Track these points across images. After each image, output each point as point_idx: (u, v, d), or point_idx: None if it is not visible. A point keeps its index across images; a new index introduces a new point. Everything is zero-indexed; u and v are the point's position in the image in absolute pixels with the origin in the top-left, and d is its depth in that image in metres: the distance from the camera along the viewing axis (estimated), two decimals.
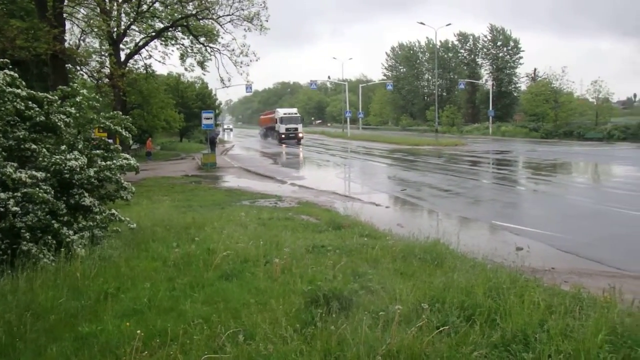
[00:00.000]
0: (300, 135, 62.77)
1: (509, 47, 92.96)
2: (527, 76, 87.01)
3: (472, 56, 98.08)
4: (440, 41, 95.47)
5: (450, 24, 69.87)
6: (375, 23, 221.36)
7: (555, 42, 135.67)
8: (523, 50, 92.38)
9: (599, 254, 10.60)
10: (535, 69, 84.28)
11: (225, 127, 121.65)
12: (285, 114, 65.80)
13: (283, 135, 62.30)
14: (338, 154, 44.95)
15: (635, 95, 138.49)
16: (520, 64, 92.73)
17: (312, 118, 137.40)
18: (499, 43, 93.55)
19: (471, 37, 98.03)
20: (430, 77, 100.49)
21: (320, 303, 5.83)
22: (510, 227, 13.39)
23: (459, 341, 4.95)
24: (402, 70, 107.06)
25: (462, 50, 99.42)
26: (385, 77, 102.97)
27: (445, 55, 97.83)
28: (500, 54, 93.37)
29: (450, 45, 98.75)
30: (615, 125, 55.88)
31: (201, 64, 36.18)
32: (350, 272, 7.08)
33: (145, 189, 20.44)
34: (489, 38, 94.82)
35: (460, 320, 5.40)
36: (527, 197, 19.46)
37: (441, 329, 5.08)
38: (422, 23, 69.27)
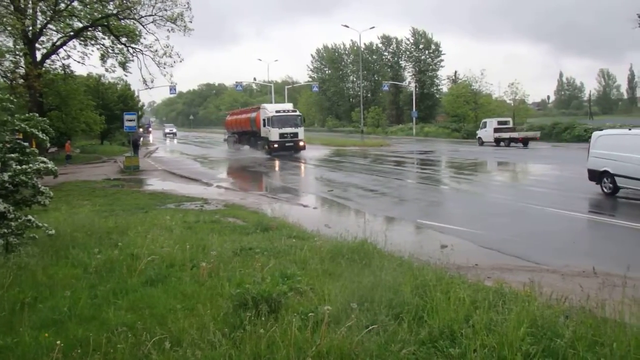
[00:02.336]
0: (302, 143, 41.83)
1: (431, 50, 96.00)
2: (448, 78, 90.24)
3: (396, 59, 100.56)
4: (365, 44, 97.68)
5: (374, 27, 71.68)
6: (300, 25, 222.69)
7: (475, 46, 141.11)
8: (444, 53, 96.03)
9: (519, 250, 10.99)
10: (455, 72, 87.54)
11: (167, 131, 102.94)
12: (278, 111, 42.42)
13: (276, 145, 40.82)
14: (264, 155, 44.69)
15: (549, 97, 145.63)
16: (442, 66, 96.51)
17: None
18: (421, 46, 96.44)
19: (394, 40, 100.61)
20: (355, 79, 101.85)
21: (249, 306, 5.75)
22: (434, 226, 13.69)
23: (388, 339, 4.99)
24: (327, 72, 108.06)
25: (386, 53, 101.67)
26: (310, 79, 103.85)
27: (370, 58, 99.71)
28: (423, 57, 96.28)
29: (374, 48, 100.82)
30: (531, 126, 58.50)
31: (123, 65, 35.12)
32: (279, 274, 7.02)
33: (65, 194, 19.62)
34: (412, 41, 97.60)
35: (388, 318, 5.46)
36: (451, 196, 19.99)
37: (370, 328, 5.11)
38: (346, 26, 70.25)
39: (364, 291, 6.26)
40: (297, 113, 44.11)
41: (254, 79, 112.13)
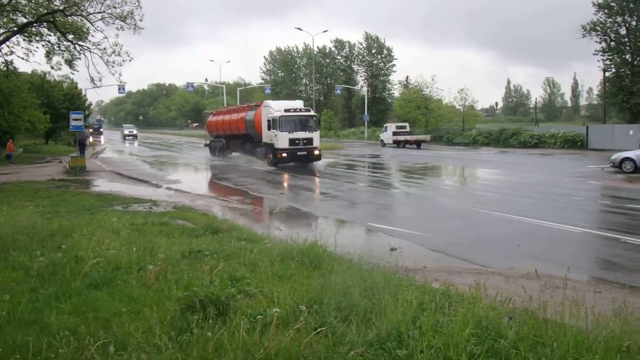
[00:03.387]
0: (317, 152, 32.54)
1: (383, 55, 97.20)
2: (399, 83, 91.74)
3: (349, 63, 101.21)
4: (318, 47, 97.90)
5: (327, 31, 71.38)
6: (252, 27, 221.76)
7: (426, 52, 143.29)
8: (396, 59, 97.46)
9: (465, 253, 11.20)
10: (407, 77, 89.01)
11: (127, 132, 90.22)
12: (288, 111, 32.22)
13: (284, 154, 31.40)
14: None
15: (497, 104, 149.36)
16: (394, 71, 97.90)
17: (189, 121, 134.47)
18: (373, 51, 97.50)
19: (347, 44, 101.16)
20: (308, 82, 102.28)
21: (197, 309, 5.68)
22: (384, 229, 13.82)
23: (336, 341, 5.02)
24: (280, 74, 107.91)
25: (339, 57, 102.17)
26: (263, 81, 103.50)
27: (323, 61, 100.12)
28: (375, 61, 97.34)
29: (327, 51, 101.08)
30: (480, 131, 59.92)
31: (69, 63, 34.08)
32: (228, 277, 6.96)
33: (6, 194, 18.97)
34: (364, 45, 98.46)
35: (337, 320, 5.48)
36: (401, 200, 20.24)
37: (319, 330, 5.12)
38: (299, 29, 70.90)
39: (313, 293, 6.29)
40: (312, 113, 33.97)
41: (206, 79, 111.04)
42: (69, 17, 32.25)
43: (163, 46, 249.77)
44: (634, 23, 53.29)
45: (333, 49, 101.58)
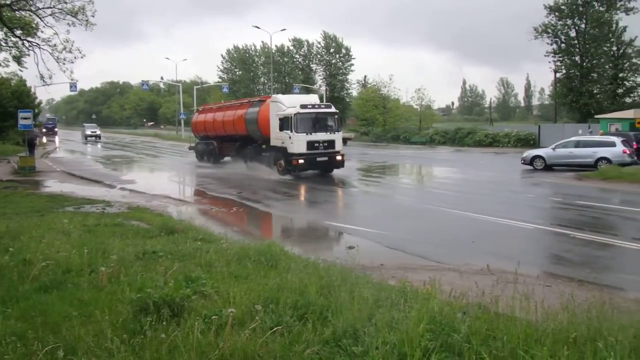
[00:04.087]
0: (340, 157, 26.42)
1: (342, 54, 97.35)
2: (358, 83, 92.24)
3: (307, 62, 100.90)
4: (276, 46, 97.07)
5: (285, 29, 71.00)
6: (209, 25, 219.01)
7: (384, 52, 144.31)
8: (354, 58, 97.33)
9: (422, 250, 11.34)
10: (365, 76, 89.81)
11: (89, 132, 76.35)
12: (305, 107, 25.97)
13: (301, 160, 25.35)
14: (172, 157, 43.81)
15: (453, 103, 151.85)
16: (352, 70, 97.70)
17: (144, 120, 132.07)
18: (332, 50, 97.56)
19: (306, 43, 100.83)
20: (266, 81, 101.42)
21: (150, 311, 5.56)
22: (342, 227, 13.88)
23: (292, 340, 4.99)
24: (238, 73, 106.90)
25: (297, 56, 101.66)
26: (221, 80, 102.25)
27: (281, 60, 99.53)
28: (333, 61, 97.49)
29: (285, 50, 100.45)
30: (436, 130, 60.83)
31: (17, 59, 32.92)
32: (183, 278, 6.85)
33: None
34: (323, 45, 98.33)
35: (293, 319, 5.45)
36: (359, 198, 20.36)
37: (275, 329, 5.08)
38: (257, 27, 69.84)
39: (270, 293, 6.25)
40: (333, 109, 27.52)
41: (161, 78, 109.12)
42: (17, 12, 31.25)
43: (117, 43, 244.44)
44: (583, 26, 54.81)
45: (291, 47, 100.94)
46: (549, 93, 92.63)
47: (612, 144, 26.59)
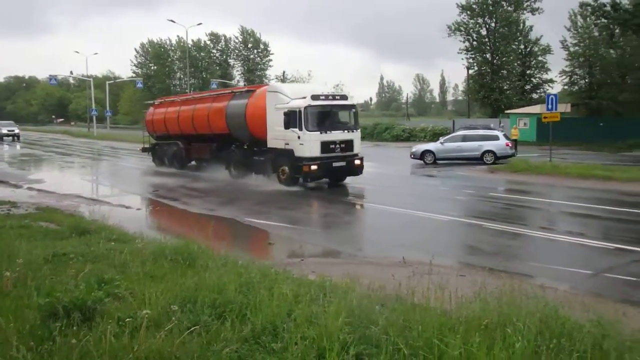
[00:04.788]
0: (359, 162, 21.05)
1: (260, 50, 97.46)
2: (276, 78, 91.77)
3: (225, 57, 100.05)
4: (192, 40, 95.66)
5: (201, 24, 69.48)
6: (122, 18, 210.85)
7: (303, 48, 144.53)
8: (273, 54, 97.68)
9: (343, 244, 11.51)
10: (284, 72, 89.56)
11: (5, 131, 66.50)
12: (317, 98, 19.99)
13: (314, 166, 19.40)
14: (84, 155, 42.11)
15: (371, 99, 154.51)
16: (270, 66, 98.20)
17: (53, 116, 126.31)
18: (249, 45, 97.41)
19: (223, 37, 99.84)
20: (182, 76, 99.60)
21: (60, 316, 5.32)
22: (261, 223, 13.82)
23: (211, 339, 4.93)
24: (152, 68, 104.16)
25: (215, 51, 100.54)
26: (134, 75, 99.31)
27: (198, 55, 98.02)
28: (252, 56, 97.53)
29: (202, 45, 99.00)
30: None
31: None
32: (95, 280, 6.58)
33: None
34: (240, 40, 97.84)
35: (212, 318, 5.39)
36: (275, 195, 20.25)
37: (192, 329, 5.00)
38: (172, 21, 68.53)
39: (188, 292, 6.13)
40: (350, 101, 21.87)
41: (71, 72, 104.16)
42: None
43: (22, 36, 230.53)
44: (493, 25, 57.33)
45: (208, 42, 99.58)
46: (463, 89, 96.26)
47: (496, 138, 28.09)
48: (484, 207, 16.33)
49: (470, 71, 60.33)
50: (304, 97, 19.75)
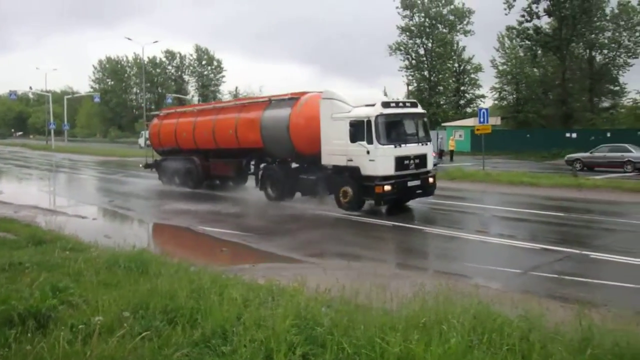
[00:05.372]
0: (432, 179, 17.35)
1: (213, 67, 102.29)
2: (229, 93, 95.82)
3: (180, 73, 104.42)
4: (148, 57, 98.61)
5: (157, 41, 68.72)
6: (81, 35, 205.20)
7: (254, 65, 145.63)
8: (226, 70, 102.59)
9: (290, 249, 11.85)
10: (236, 87, 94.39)
11: None
12: (387, 105, 16.77)
13: (388, 186, 15.86)
14: (42, 167, 41.29)
15: None
16: (224, 81, 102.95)
17: (13, 130, 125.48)
18: (204, 62, 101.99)
19: (178, 54, 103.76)
20: (138, 91, 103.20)
21: (15, 323, 5.44)
22: (215, 231, 13.89)
23: (162, 344, 5.07)
24: (110, 83, 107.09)
25: (170, 67, 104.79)
26: (92, 90, 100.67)
27: (154, 71, 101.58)
28: (206, 72, 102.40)
29: (158, 62, 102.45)
30: None
31: None
32: (50, 288, 6.66)
33: None
34: (195, 57, 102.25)
35: (163, 323, 5.54)
36: (230, 201, 20.33)
37: (144, 334, 5.14)
38: (129, 38, 69.07)
39: (140, 299, 6.27)
40: (421, 109, 18.39)
41: (30, 87, 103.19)
42: None
43: None
44: (430, 45, 63.29)
45: (164, 59, 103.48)
46: None
47: None
48: (424, 213, 17.04)
49: (410, 87, 64.57)
50: (373, 105, 16.46)
